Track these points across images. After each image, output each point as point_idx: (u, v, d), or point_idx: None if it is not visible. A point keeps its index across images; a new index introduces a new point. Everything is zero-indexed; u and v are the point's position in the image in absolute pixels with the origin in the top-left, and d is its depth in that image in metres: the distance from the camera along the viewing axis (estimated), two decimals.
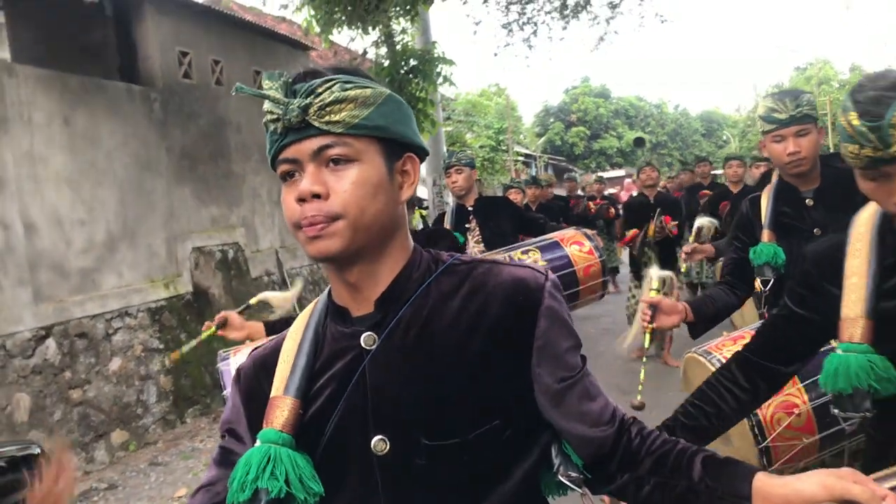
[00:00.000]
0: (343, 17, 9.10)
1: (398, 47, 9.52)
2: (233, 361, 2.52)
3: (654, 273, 2.65)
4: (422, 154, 1.19)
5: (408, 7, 9.42)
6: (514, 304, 1.13)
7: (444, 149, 12.56)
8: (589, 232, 3.90)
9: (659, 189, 7.40)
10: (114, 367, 6.30)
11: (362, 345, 1.14)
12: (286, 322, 2.60)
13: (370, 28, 9.36)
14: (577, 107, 41.90)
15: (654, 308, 2.44)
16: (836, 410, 1.53)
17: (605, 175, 21.52)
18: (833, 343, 1.56)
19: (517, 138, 21.96)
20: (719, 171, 10.53)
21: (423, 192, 12.06)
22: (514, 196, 7.30)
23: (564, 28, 11.24)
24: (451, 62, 9.35)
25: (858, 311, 1.49)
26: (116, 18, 7.42)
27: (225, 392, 2.34)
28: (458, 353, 1.11)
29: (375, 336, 1.14)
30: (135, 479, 5.40)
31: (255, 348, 1.32)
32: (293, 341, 1.21)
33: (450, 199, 7.64)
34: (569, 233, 3.90)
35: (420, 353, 1.12)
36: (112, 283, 6.48)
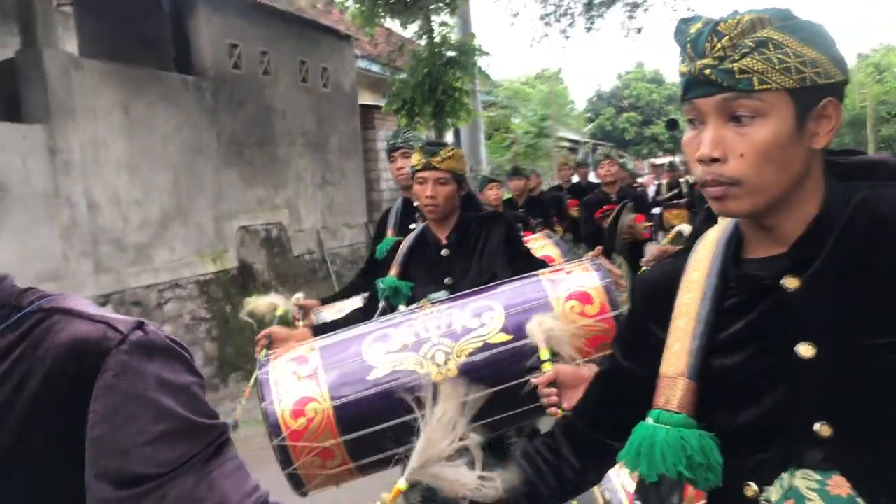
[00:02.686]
0: (384, 13, 9.63)
1: (437, 39, 9.97)
2: (271, 370, 2.36)
3: (538, 336, 2.00)
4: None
5: (448, 1, 9.90)
6: None
7: (482, 136, 12.99)
8: (597, 263, 2.49)
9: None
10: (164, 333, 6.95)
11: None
12: (333, 325, 2.75)
13: (409, 22, 9.86)
14: (630, 92, 41.79)
15: (556, 386, 1.77)
16: (637, 503, 1.30)
17: (657, 161, 21.63)
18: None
19: (568, 123, 22.22)
20: None
21: None
22: (494, 192, 6.07)
23: (592, 22, 11.51)
24: (486, 54, 9.78)
25: (680, 367, 1.11)
26: (173, 13, 8.03)
27: (263, 403, 2.25)
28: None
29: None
30: None
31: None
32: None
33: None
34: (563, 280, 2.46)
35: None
36: (164, 257, 7.12)
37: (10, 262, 5.51)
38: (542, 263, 2.89)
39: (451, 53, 9.66)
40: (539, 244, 3.97)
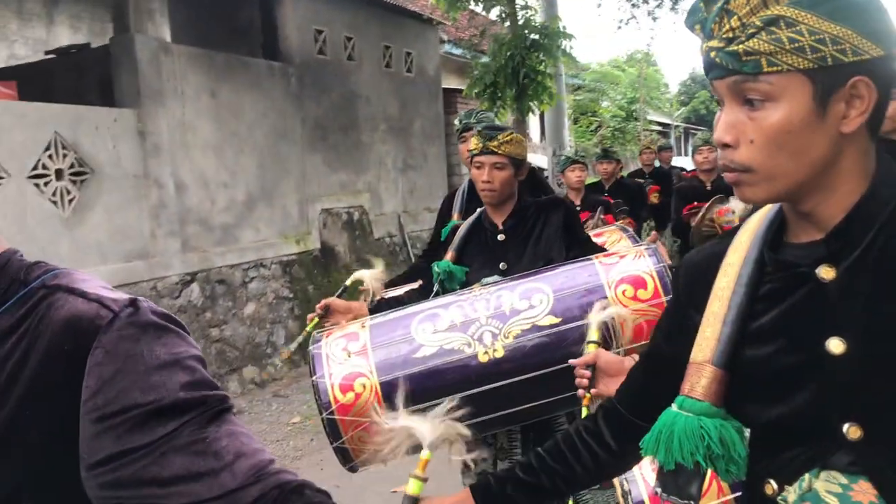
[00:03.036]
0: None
1: (520, 22, 9.91)
2: (324, 345, 2.44)
3: (594, 318, 2.08)
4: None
5: None
6: None
7: (566, 120, 12.84)
8: (652, 248, 2.55)
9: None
10: (248, 311, 7.19)
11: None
12: (388, 303, 2.80)
13: (493, 5, 9.84)
14: None
15: (593, 369, 1.82)
16: (658, 489, 1.29)
17: None
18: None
19: (659, 106, 21.71)
20: None
21: (543, 160, 12.40)
22: (577, 174, 5.56)
23: (677, 2, 11.18)
24: (571, 36, 9.66)
25: (707, 354, 1.08)
26: (261, 1, 8.23)
27: (314, 377, 2.36)
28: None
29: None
30: (259, 406, 6.28)
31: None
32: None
33: None
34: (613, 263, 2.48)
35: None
36: (249, 237, 7.35)
37: (101, 240, 5.81)
38: (600, 250, 2.80)
39: (534, 36, 9.58)
40: (613, 237, 3.86)
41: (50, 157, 5.48)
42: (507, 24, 10.02)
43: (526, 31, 9.72)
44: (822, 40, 0.93)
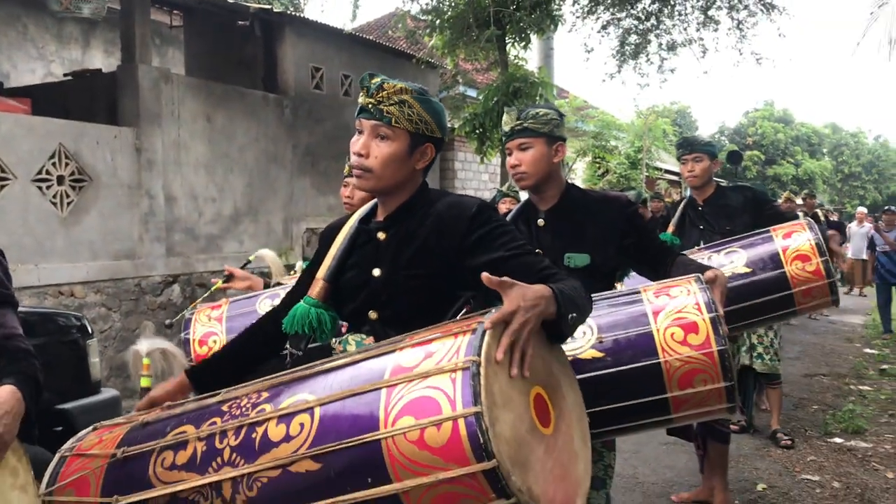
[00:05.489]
0: (462, 46, 10.56)
1: (511, 69, 10.74)
2: (196, 313, 3.22)
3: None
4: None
5: (522, 36, 10.70)
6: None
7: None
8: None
9: None
10: None
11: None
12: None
13: (483, 56, 10.71)
14: (755, 130, 40.94)
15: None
16: (288, 344, 1.95)
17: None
18: None
19: (671, 154, 22.24)
20: None
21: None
22: (507, 206, 4.91)
23: (662, 62, 11.86)
24: (550, 85, 10.46)
25: (323, 273, 1.91)
26: (264, 38, 9.18)
27: (183, 334, 3.11)
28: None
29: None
30: None
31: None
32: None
33: None
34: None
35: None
36: (233, 248, 8.20)
37: (93, 239, 6.69)
38: None
39: (517, 84, 10.39)
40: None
41: (53, 164, 6.39)
42: (499, 70, 10.84)
43: (512, 79, 10.52)
44: (421, 119, 1.82)
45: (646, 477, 4.80)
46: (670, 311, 2.20)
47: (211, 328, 3.18)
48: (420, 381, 1.32)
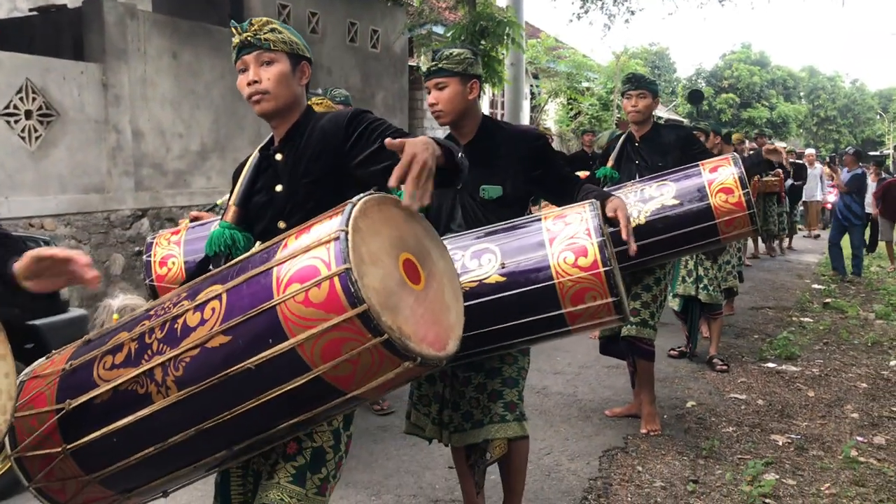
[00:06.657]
0: None
1: (478, 8, 10.80)
2: (157, 238, 3.53)
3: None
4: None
5: None
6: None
7: (526, 103, 13.71)
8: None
9: None
10: None
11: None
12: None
13: None
14: (730, 73, 41.04)
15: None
16: (210, 266, 2.16)
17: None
18: None
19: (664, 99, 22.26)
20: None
21: None
22: None
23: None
24: (518, 26, 10.56)
25: (235, 199, 2.17)
26: None
27: (145, 257, 3.50)
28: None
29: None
30: None
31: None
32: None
33: None
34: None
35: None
36: (201, 184, 8.37)
37: (62, 173, 6.85)
38: None
39: (483, 23, 10.47)
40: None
41: (21, 99, 6.50)
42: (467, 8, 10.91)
43: (479, 18, 10.60)
44: (292, 41, 2.06)
45: (584, 395, 5.15)
46: (563, 238, 2.51)
47: (170, 251, 3.43)
48: (303, 255, 1.59)
